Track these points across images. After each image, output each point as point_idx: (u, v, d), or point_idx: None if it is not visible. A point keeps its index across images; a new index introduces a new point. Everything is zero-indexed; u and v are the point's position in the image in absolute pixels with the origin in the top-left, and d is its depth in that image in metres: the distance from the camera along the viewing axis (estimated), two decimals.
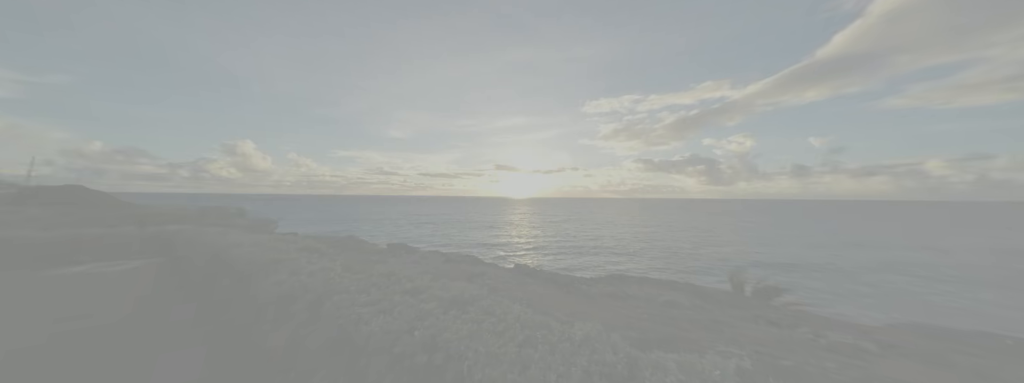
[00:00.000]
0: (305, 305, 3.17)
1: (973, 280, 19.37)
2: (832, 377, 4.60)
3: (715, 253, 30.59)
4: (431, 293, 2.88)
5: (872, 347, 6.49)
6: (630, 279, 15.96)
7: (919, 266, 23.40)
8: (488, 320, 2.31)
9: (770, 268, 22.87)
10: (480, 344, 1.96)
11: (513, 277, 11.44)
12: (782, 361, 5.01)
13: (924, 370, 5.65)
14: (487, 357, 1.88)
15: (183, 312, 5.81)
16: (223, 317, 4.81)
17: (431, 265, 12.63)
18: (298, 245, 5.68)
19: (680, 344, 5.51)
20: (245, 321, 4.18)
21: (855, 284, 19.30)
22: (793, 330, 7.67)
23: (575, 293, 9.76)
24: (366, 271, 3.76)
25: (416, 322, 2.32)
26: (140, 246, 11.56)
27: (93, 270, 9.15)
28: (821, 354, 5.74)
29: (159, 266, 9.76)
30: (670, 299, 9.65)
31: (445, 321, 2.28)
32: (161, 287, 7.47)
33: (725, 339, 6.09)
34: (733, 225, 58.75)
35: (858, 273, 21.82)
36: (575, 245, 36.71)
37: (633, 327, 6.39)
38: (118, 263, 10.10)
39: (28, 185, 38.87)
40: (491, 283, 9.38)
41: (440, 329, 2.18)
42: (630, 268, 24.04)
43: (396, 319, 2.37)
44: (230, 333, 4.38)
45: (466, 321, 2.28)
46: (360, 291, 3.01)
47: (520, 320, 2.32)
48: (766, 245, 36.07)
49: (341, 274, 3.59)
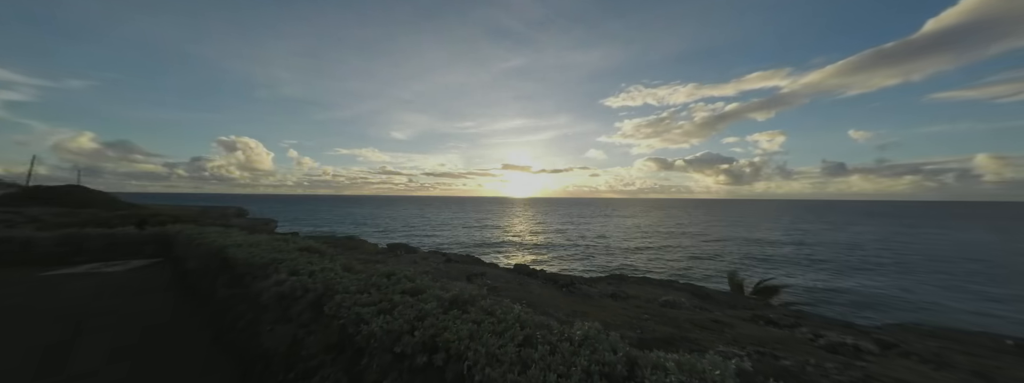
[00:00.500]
0: (305, 305, 3.17)
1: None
2: (832, 377, 4.60)
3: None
4: (431, 293, 2.88)
5: (872, 347, 6.49)
6: (630, 279, 15.97)
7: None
8: (488, 320, 2.30)
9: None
10: (480, 344, 1.96)
11: (513, 277, 11.44)
12: (782, 361, 5.01)
13: (924, 370, 5.64)
14: (487, 357, 1.88)
15: (183, 312, 5.81)
16: (223, 317, 4.81)
17: (431, 265, 12.63)
18: (298, 245, 5.68)
19: (680, 344, 5.51)
20: (246, 321, 4.18)
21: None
22: (793, 330, 7.67)
23: (575, 293, 9.76)
24: (366, 271, 3.76)
25: (416, 322, 2.32)
26: (140, 246, 11.57)
27: (93, 270, 9.15)
28: (821, 354, 5.74)
29: (159, 266, 9.76)
30: (670, 299, 9.64)
31: (445, 321, 2.28)
32: (161, 287, 7.47)
33: (725, 339, 6.09)
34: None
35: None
36: (576, 245, 36.68)
37: (633, 327, 6.38)
38: (118, 263, 10.10)
39: (28, 185, 38.83)
40: (491, 283, 9.38)
41: (440, 329, 2.18)
42: (631, 268, 24.02)
43: (396, 319, 2.37)
44: (231, 333, 4.38)
45: (466, 321, 2.27)
46: (360, 291, 3.01)
47: (520, 320, 2.32)
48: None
49: (341, 274, 3.59)
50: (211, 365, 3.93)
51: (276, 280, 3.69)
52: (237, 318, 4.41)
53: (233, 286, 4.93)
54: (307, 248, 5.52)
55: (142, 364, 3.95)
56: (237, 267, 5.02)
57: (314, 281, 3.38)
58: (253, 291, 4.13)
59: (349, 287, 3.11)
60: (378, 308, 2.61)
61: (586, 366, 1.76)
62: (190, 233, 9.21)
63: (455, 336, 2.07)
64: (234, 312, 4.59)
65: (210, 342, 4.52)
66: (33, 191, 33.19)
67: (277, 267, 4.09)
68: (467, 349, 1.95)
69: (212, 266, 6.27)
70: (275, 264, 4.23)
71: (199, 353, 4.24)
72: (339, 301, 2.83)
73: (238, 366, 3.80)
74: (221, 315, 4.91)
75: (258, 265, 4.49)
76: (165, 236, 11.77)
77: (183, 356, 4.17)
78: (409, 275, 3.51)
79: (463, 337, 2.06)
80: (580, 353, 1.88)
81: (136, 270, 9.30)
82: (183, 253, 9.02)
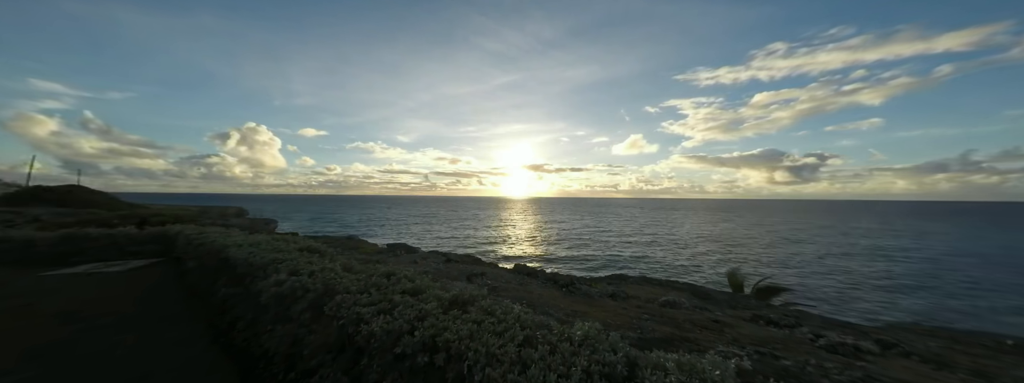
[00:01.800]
0: (305, 305, 3.17)
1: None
2: (832, 377, 4.60)
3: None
4: (431, 293, 2.88)
5: (872, 347, 6.49)
6: (630, 279, 15.97)
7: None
8: (488, 320, 2.31)
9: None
10: (480, 344, 1.96)
11: (513, 277, 11.44)
12: (782, 361, 5.01)
13: (924, 370, 5.65)
14: (487, 357, 1.88)
15: (183, 312, 5.81)
16: (224, 317, 4.82)
17: (431, 265, 12.63)
18: (298, 245, 5.68)
19: (680, 344, 5.51)
20: (246, 321, 4.19)
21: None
22: (793, 330, 7.66)
23: (575, 293, 9.76)
24: (366, 271, 3.76)
25: (416, 322, 2.32)
26: (140, 246, 11.57)
27: (93, 270, 9.15)
28: (821, 354, 5.74)
29: (159, 266, 9.77)
30: (670, 299, 9.64)
31: (445, 321, 2.28)
32: (161, 287, 7.47)
33: (725, 339, 6.09)
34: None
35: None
36: (576, 245, 36.72)
37: (633, 327, 6.39)
38: (118, 263, 10.10)
39: (28, 185, 38.84)
40: (491, 283, 9.38)
41: (440, 329, 2.18)
42: (631, 268, 24.03)
43: (396, 319, 2.37)
44: (231, 333, 4.38)
45: (466, 321, 2.28)
46: (360, 291, 3.02)
47: (520, 320, 2.33)
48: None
49: (341, 274, 3.59)
50: (211, 365, 3.93)
51: (276, 280, 3.69)
52: (237, 318, 4.42)
53: (233, 286, 4.94)
54: (307, 248, 5.52)
55: (142, 364, 3.95)
56: (237, 267, 5.02)
57: (314, 281, 3.39)
58: (253, 291, 4.13)
59: (349, 287, 3.11)
60: (378, 308, 2.61)
61: (586, 366, 1.77)
62: (190, 233, 9.21)
63: (455, 336, 2.08)
64: (234, 312, 4.59)
65: (210, 342, 4.52)
66: (33, 191, 33.21)
67: (277, 267, 4.09)
68: (467, 349, 1.95)
69: (212, 266, 6.27)
70: (275, 264, 4.23)
71: (199, 353, 4.24)
72: (339, 301, 2.83)
73: (238, 366, 3.80)
74: (221, 315, 4.92)
75: (258, 265, 4.49)
76: (165, 236, 11.77)
77: (183, 356, 4.17)
78: (409, 275, 3.52)
79: (463, 337, 2.07)
80: (580, 353, 1.89)
81: (136, 270, 9.31)
82: (183, 253, 9.03)
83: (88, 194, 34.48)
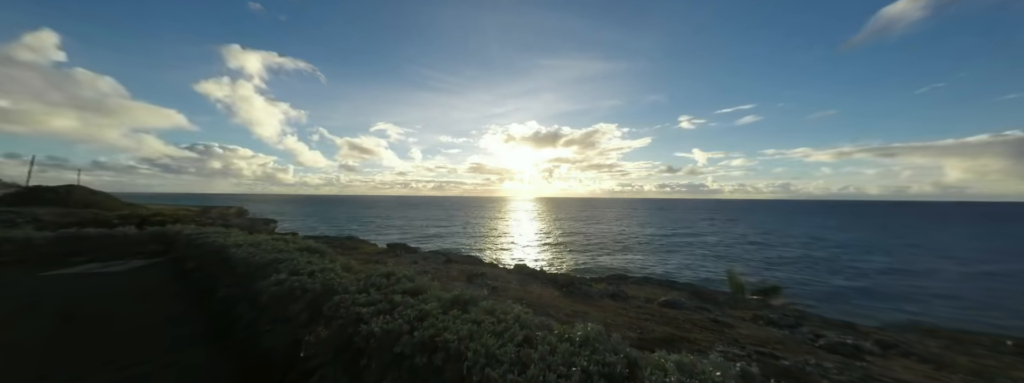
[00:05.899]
0: (305, 305, 3.17)
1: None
2: (832, 377, 4.60)
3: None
4: (431, 293, 2.88)
5: (872, 347, 6.49)
6: (630, 279, 15.97)
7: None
8: (488, 320, 2.31)
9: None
10: (479, 344, 1.96)
11: (513, 277, 11.44)
12: (782, 361, 5.01)
13: (924, 370, 5.65)
14: (487, 357, 1.88)
15: (183, 312, 5.81)
16: (223, 317, 4.82)
17: (431, 265, 12.63)
18: (298, 245, 5.69)
19: (680, 344, 5.51)
20: (245, 321, 4.19)
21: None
22: (793, 330, 7.67)
23: (575, 293, 9.76)
24: (366, 271, 3.76)
25: (416, 322, 2.32)
26: (140, 246, 11.57)
27: (93, 270, 9.15)
28: (821, 354, 5.74)
29: (159, 266, 9.76)
30: (670, 299, 9.64)
31: (445, 321, 2.28)
32: (161, 287, 7.47)
33: (725, 339, 6.09)
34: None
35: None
36: (577, 245, 36.74)
37: (633, 327, 6.39)
38: (118, 263, 10.10)
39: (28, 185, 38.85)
40: (491, 283, 9.38)
41: (440, 329, 2.18)
42: (631, 268, 24.03)
43: (396, 319, 2.37)
44: (230, 333, 4.38)
45: (466, 321, 2.28)
46: (360, 291, 3.02)
47: (520, 320, 2.32)
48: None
49: (341, 274, 3.59)
50: (211, 365, 3.93)
51: (276, 280, 3.69)
52: (237, 318, 4.42)
53: (233, 286, 4.94)
54: (307, 248, 5.52)
55: (142, 364, 3.95)
56: (237, 267, 5.02)
57: (314, 281, 3.39)
58: (253, 291, 4.13)
59: (349, 287, 3.11)
60: (377, 308, 2.61)
61: (586, 366, 1.77)
62: (190, 233, 9.21)
63: (454, 336, 2.07)
64: (234, 312, 4.59)
65: (210, 342, 4.52)
66: (33, 191, 33.21)
67: (277, 267, 4.09)
68: (467, 349, 1.95)
69: (212, 266, 6.28)
70: (275, 264, 4.24)
71: (199, 353, 4.24)
72: (338, 301, 2.83)
73: (238, 365, 3.80)
74: (221, 315, 4.92)
75: (258, 265, 4.49)
76: (165, 236, 11.77)
77: (183, 356, 4.17)
78: (409, 275, 3.52)
79: (462, 337, 2.07)
80: (580, 353, 1.89)
81: (136, 270, 9.30)
82: (183, 253, 9.03)
83: (88, 194, 34.48)
